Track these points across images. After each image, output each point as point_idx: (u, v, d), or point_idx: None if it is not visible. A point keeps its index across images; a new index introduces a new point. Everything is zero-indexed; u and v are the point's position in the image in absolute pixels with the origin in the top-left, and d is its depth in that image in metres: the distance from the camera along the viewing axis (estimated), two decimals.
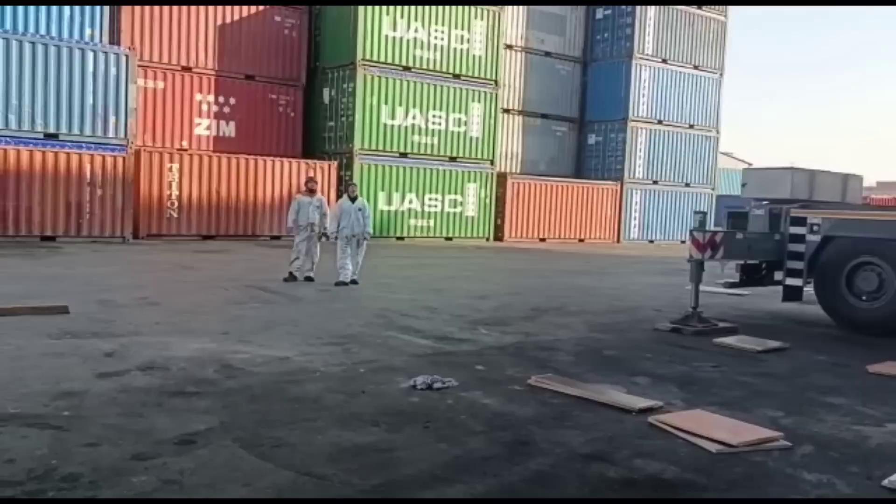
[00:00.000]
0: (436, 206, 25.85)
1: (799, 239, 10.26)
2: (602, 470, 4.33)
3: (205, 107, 23.67)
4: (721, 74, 33.66)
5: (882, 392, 6.50)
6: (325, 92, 25.61)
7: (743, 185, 11.81)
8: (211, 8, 23.46)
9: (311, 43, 25.98)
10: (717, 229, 10.50)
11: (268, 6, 24.53)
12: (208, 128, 23.78)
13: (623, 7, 30.87)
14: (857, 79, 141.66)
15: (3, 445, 4.28)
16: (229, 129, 24.16)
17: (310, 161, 23.90)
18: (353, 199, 12.70)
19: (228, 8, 23.81)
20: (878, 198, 32.53)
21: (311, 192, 13.30)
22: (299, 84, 25.52)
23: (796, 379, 6.92)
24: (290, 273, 12.77)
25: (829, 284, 10.03)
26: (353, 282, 12.34)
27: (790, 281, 10.45)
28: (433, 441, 4.71)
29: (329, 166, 23.83)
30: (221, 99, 23.93)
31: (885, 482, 4.20)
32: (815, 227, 10.13)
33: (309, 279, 12.66)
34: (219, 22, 23.68)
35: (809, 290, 10.42)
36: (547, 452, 4.58)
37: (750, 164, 45.70)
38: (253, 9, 24.31)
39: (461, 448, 4.60)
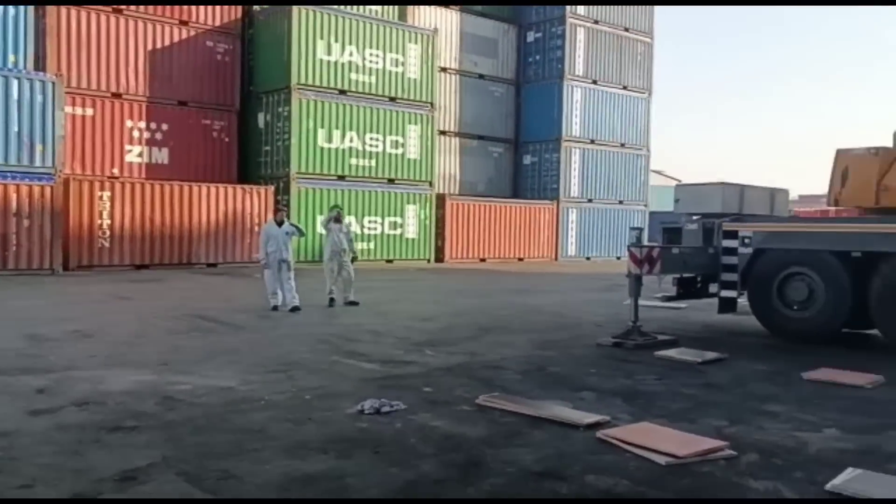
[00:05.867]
0: (375, 228, 25.76)
1: (732, 252, 10.56)
2: (555, 487, 4.34)
3: (136, 133, 23.13)
4: (649, 94, 34.61)
5: (818, 398, 6.70)
6: (260, 116, 25.35)
7: (676, 201, 12.11)
8: (140, 33, 23.00)
9: (244, 68, 25.73)
10: (654, 244, 10.72)
11: (199, 33, 24.20)
12: (140, 155, 23.23)
13: (553, 29, 31.52)
14: (777, 97, 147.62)
15: None
16: (162, 156, 23.65)
17: (246, 186, 23.57)
18: (280, 224, 12.65)
19: (159, 33, 23.39)
20: (802, 210, 33.79)
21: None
22: (233, 109, 25.19)
23: (736, 389, 7.09)
24: (331, 299, 13.03)
25: (761, 295, 10.34)
26: (295, 308, 12.19)
27: (725, 293, 10.74)
28: (384, 466, 4.65)
29: (265, 191, 23.53)
30: (153, 125, 23.41)
31: (829, 486, 4.32)
32: (746, 240, 10.45)
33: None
34: (149, 47, 23.24)
35: (743, 301, 10.72)
36: (499, 472, 4.57)
37: (679, 181, 46.97)
38: (184, 34, 23.94)
39: (413, 472, 4.55)
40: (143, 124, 23.21)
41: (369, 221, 25.56)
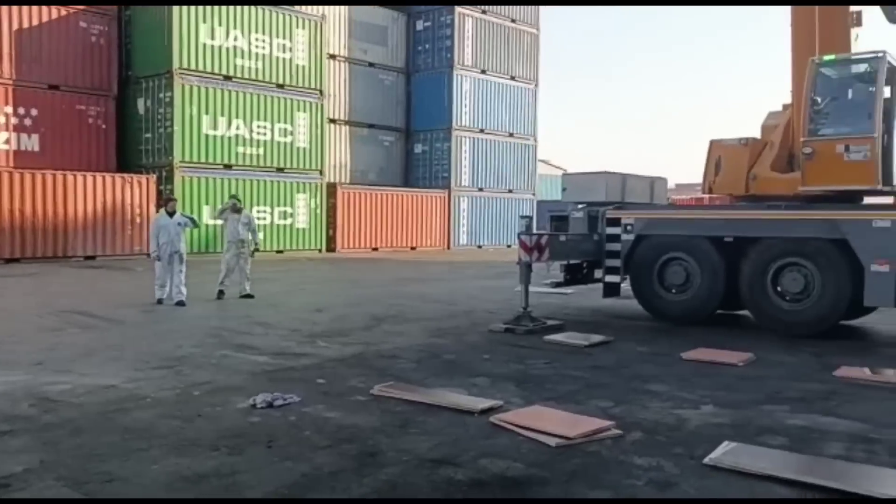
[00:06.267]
0: (265, 218, 25.21)
1: (615, 238, 10.97)
2: (450, 474, 4.39)
3: (2, 119, 21.69)
4: (536, 85, 35.36)
5: (696, 377, 7.07)
6: (140, 102, 24.30)
7: (563, 190, 12.47)
8: (5, 11, 21.54)
9: (122, 51, 24.57)
10: (542, 232, 10.99)
11: (71, 13, 22.88)
12: (7, 142, 21.81)
13: (442, 19, 31.71)
14: (655, 89, 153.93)
15: None
16: (32, 143, 22.29)
17: (126, 175, 22.55)
18: (172, 214, 12.20)
19: (26, 13, 21.98)
20: (678, 198, 35.59)
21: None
22: (110, 94, 24.04)
23: (621, 370, 7.38)
24: (221, 291, 12.74)
25: (643, 280, 10.80)
26: (180, 303, 11.77)
27: (609, 278, 11.15)
28: (278, 460, 4.58)
29: (147, 180, 22.61)
30: (21, 110, 22.03)
31: (706, 460, 4.57)
32: (628, 227, 10.88)
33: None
34: (15, 27, 21.79)
35: (626, 286, 11.16)
36: (395, 461, 4.58)
37: (565, 170, 48.29)
38: (54, 14, 22.59)
39: (307, 465, 4.50)
40: (9, 109, 21.80)
41: (258, 211, 24.98)
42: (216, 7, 23.88)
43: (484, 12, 32.59)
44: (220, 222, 13.39)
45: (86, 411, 5.58)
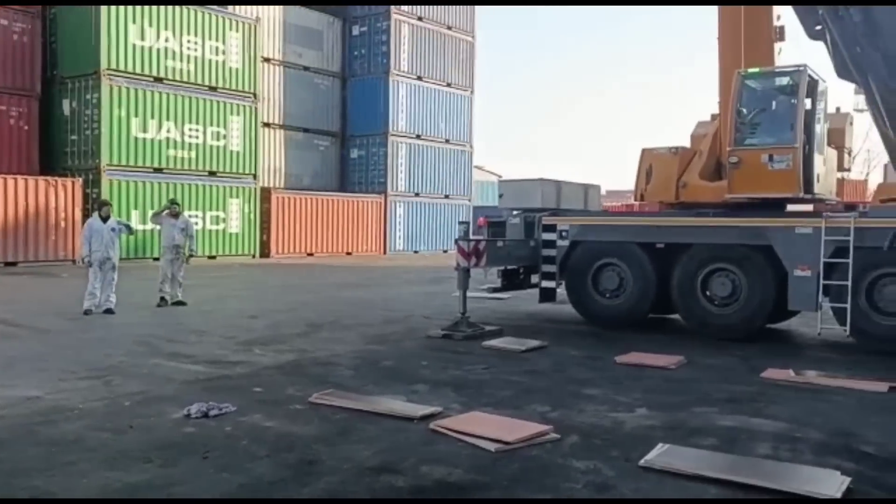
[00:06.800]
0: (197, 223, 24.60)
1: (551, 244, 11.13)
2: (391, 481, 4.38)
3: None
4: (471, 92, 35.61)
5: (630, 380, 7.22)
6: (65, 103, 23.50)
7: (500, 196, 12.59)
8: None
9: (46, 50, 23.74)
10: (480, 238, 11.07)
11: None
12: None
13: (378, 24, 31.65)
14: (586, 100, 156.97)
15: None
16: None
17: (50, 178, 21.75)
18: (105, 219, 11.82)
19: None
20: (610, 205, 36.35)
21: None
22: (34, 94, 23.18)
23: (557, 374, 7.49)
24: (162, 298, 12.41)
25: (577, 285, 10.98)
26: (109, 310, 11.40)
27: (545, 283, 11.31)
28: (214, 472, 4.49)
29: (73, 184, 21.86)
30: None
31: (642, 462, 4.67)
32: (563, 233, 11.05)
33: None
34: None
35: (562, 291, 11.32)
36: (335, 470, 4.54)
37: (500, 176, 48.75)
38: None
39: (245, 476, 4.42)
40: None
41: (190, 216, 24.38)
42: (146, 7, 23.29)
43: (420, 19, 32.68)
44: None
45: (9, 424, 5.37)
